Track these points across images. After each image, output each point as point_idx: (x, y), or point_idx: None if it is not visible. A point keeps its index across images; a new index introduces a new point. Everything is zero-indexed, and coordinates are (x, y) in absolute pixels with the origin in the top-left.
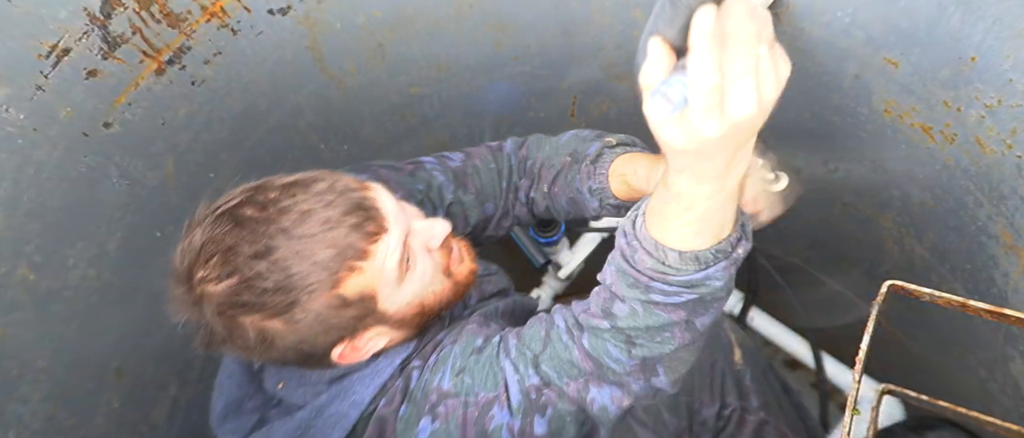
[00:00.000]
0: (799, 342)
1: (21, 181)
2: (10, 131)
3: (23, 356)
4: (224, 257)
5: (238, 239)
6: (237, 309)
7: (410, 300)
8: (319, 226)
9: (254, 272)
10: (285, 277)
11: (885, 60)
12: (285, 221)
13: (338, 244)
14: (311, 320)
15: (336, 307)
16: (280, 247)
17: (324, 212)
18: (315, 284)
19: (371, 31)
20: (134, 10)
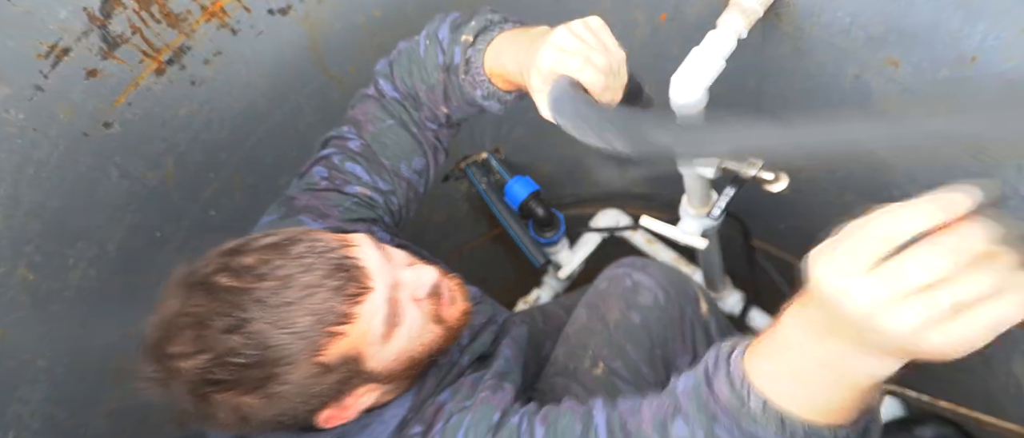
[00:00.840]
0: None
1: (21, 181)
2: (10, 131)
3: (23, 356)
4: (196, 332)
5: (210, 311)
6: (210, 387)
7: (398, 355)
8: (298, 293)
9: (227, 347)
10: (261, 351)
11: (885, 60)
12: (261, 290)
13: (318, 311)
14: (291, 392)
15: (317, 375)
16: (255, 319)
17: (303, 277)
18: (293, 355)
19: (371, 31)
20: (134, 10)
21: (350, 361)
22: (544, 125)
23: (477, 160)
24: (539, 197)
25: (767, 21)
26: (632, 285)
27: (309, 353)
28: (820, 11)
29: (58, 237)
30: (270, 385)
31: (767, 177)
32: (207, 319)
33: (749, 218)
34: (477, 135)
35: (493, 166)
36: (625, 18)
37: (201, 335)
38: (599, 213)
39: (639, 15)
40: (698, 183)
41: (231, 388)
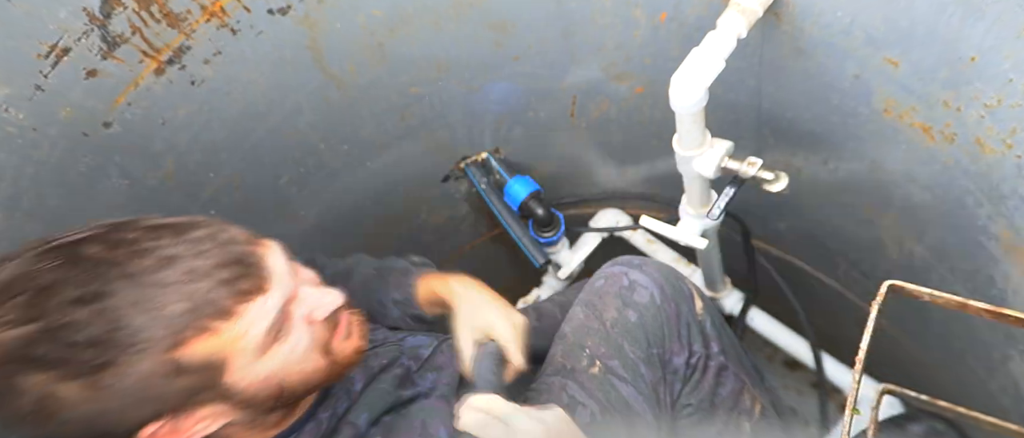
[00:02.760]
0: (799, 342)
1: (21, 181)
2: (10, 131)
3: None
4: (33, 298)
5: (62, 279)
6: (21, 364)
7: (268, 376)
8: (179, 275)
9: (67, 319)
10: (108, 330)
11: (885, 60)
12: (135, 266)
13: (196, 299)
14: (125, 388)
15: (166, 374)
16: (116, 293)
17: (192, 261)
18: (147, 342)
19: (371, 31)
20: (134, 10)
21: (211, 367)
22: (544, 125)
23: (477, 160)
24: (539, 197)
25: (767, 21)
26: (629, 284)
27: (167, 345)
28: (820, 11)
29: None
30: (103, 374)
31: (767, 177)
32: (53, 286)
33: (749, 218)
34: (477, 135)
35: (493, 166)
36: (625, 18)
37: (37, 302)
38: (599, 213)
39: (639, 15)
40: (698, 183)
41: (51, 369)
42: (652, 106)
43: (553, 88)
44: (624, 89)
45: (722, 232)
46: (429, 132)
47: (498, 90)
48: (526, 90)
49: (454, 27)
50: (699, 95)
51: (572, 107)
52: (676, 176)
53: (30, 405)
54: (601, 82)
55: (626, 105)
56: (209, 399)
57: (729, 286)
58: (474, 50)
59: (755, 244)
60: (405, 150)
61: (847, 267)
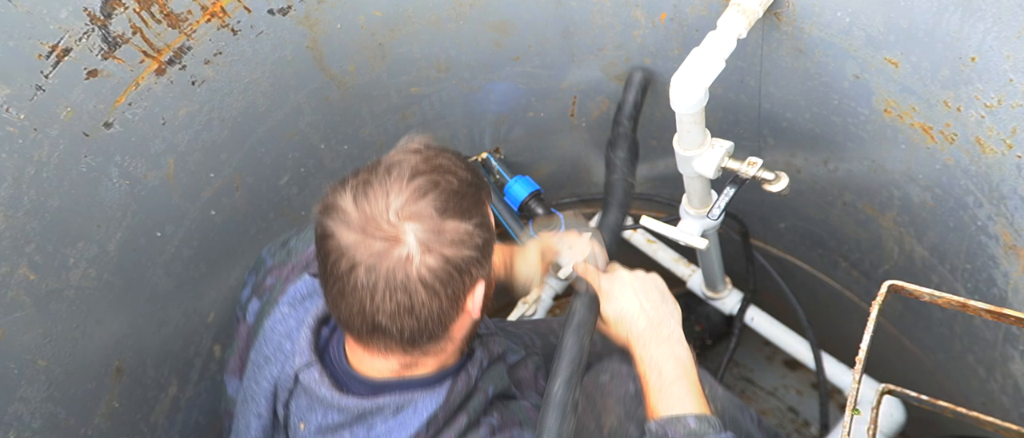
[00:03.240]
0: (799, 342)
1: (21, 181)
2: (10, 131)
3: (23, 356)
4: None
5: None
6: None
7: (495, 270)
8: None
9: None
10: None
11: (885, 60)
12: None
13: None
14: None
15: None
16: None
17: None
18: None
19: (371, 31)
20: (134, 10)
21: (491, 229)
22: (544, 125)
23: (477, 160)
24: (539, 197)
25: (767, 21)
26: (634, 392)
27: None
28: (820, 11)
29: (58, 237)
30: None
31: (767, 177)
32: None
33: (749, 218)
34: (477, 135)
35: (493, 166)
36: (625, 18)
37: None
38: (599, 213)
39: (639, 15)
40: (698, 183)
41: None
42: (652, 106)
43: (553, 88)
44: None
45: (722, 232)
46: (429, 132)
47: (498, 90)
48: (526, 90)
49: (454, 27)
50: (699, 95)
51: (572, 107)
52: (676, 176)
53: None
54: (601, 82)
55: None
56: (487, 271)
57: (729, 286)
58: (474, 50)
59: (755, 244)
60: None
61: (847, 267)
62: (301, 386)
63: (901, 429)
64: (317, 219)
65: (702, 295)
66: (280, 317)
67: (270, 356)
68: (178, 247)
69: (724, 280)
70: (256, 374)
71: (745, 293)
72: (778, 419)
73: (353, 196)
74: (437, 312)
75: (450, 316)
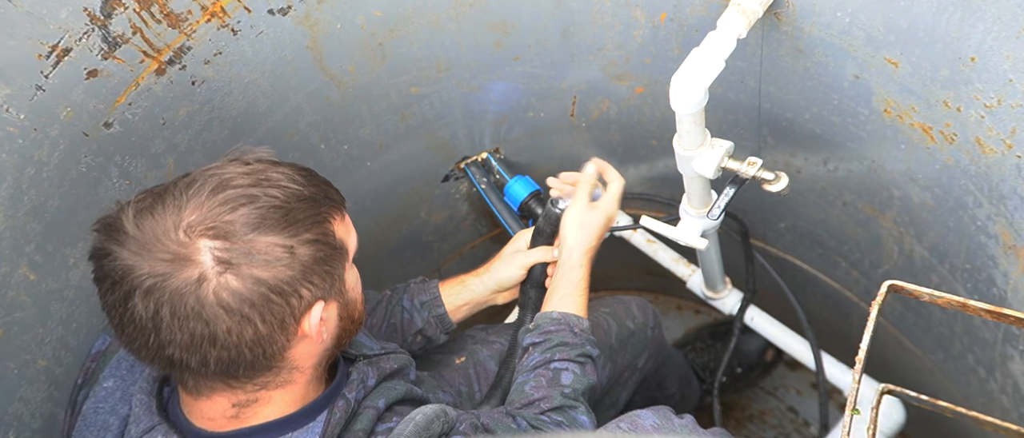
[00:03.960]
0: (799, 342)
1: (21, 181)
2: (10, 131)
3: (23, 356)
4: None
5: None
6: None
7: (352, 288)
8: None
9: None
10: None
11: (885, 60)
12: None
13: (333, 195)
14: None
15: (325, 244)
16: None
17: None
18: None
19: (371, 31)
20: (134, 10)
21: (341, 249)
22: (544, 125)
23: (477, 160)
24: (539, 197)
25: (767, 21)
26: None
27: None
28: (820, 11)
29: (58, 237)
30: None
31: (767, 177)
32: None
33: (749, 218)
34: (477, 135)
35: (493, 166)
36: (625, 18)
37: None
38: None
39: (639, 15)
40: (698, 183)
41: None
42: (652, 106)
43: (553, 88)
44: (624, 89)
45: (722, 232)
46: (429, 132)
47: (498, 90)
48: (526, 90)
49: (454, 27)
50: (699, 95)
51: (572, 107)
52: (676, 176)
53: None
54: (601, 82)
55: (626, 105)
56: (335, 292)
57: (729, 286)
58: (474, 50)
59: (755, 244)
60: (405, 150)
61: (847, 267)
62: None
63: (901, 429)
64: (94, 236)
65: (702, 295)
66: (103, 394)
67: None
68: None
69: (724, 280)
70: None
71: (745, 293)
72: (778, 419)
73: (135, 212)
74: (252, 340)
75: (277, 343)
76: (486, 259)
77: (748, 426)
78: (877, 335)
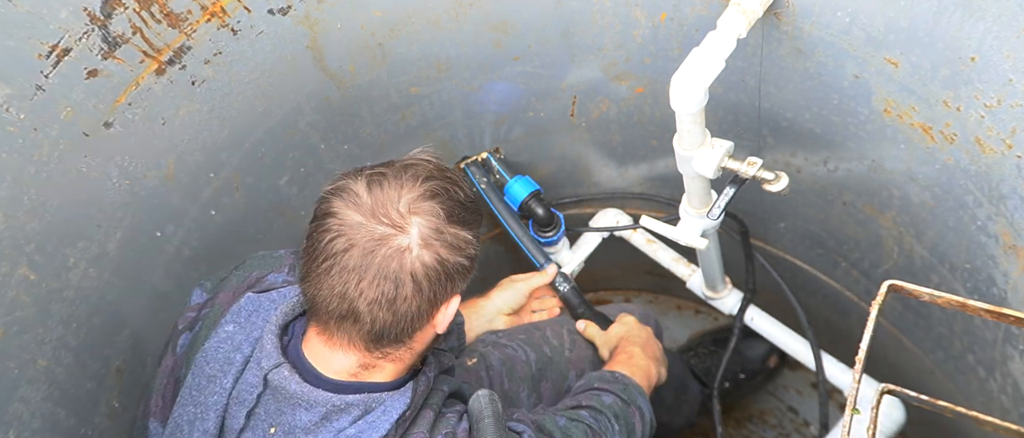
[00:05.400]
0: (799, 342)
1: (21, 181)
2: (10, 131)
3: (23, 356)
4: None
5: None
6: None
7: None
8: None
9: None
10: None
11: (885, 60)
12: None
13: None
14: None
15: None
16: None
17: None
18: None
19: (371, 31)
20: (134, 10)
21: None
22: (544, 125)
23: (477, 160)
24: (539, 197)
25: (767, 21)
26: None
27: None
28: (820, 11)
29: (58, 237)
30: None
31: (767, 177)
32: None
33: (749, 218)
34: (477, 135)
35: (493, 166)
36: (625, 18)
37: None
38: (599, 213)
39: (639, 15)
40: (698, 183)
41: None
42: (652, 106)
43: (553, 88)
44: (624, 89)
45: (722, 232)
46: (429, 132)
47: (498, 90)
48: (526, 90)
49: (454, 27)
50: (699, 95)
51: (572, 107)
52: (676, 176)
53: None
54: (601, 82)
55: (626, 105)
56: (463, 288)
57: (729, 286)
58: (474, 50)
59: (755, 244)
60: (405, 150)
61: (847, 267)
62: (271, 388)
63: (901, 429)
64: (323, 198)
65: (702, 295)
66: (225, 336)
67: (216, 373)
68: (178, 247)
69: (724, 280)
70: (197, 396)
71: (745, 293)
72: (778, 419)
73: (367, 183)
74: (414, 311)
75: (422, 320)
76: (486, 259)
77: (748, 426)
78: (877, 335)
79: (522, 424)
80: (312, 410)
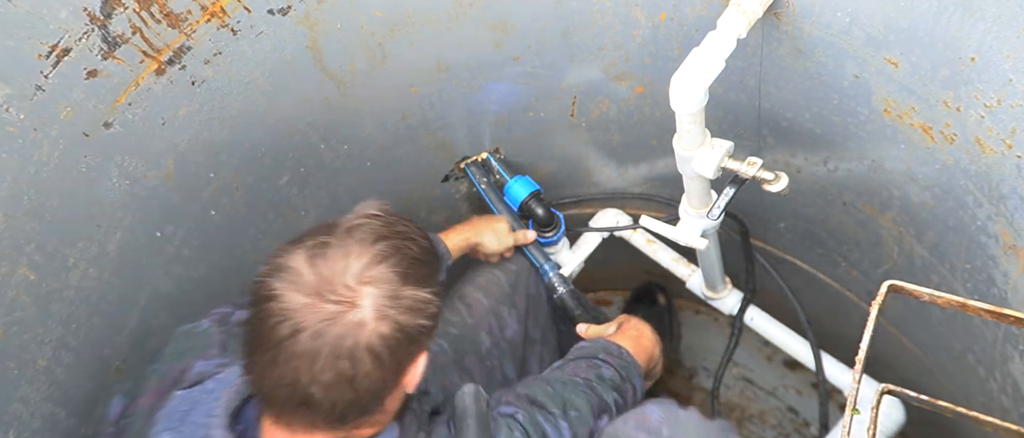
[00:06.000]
0: (799, 342)
1: (21, 181)
2: (10, 131)
3: (23, 356)
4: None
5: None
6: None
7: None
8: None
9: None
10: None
11: (885, 60)
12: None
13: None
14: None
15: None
16: None
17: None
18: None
19: (371, 31)
20: (134, 10)
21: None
22: (544, 125)
23: (477, 160)
24: (539, 197)
25: (767, 21)
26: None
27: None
28: (820, 11)
29: (58, 237)
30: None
31: (767, 177)
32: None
33: (749, 218)
34: (477, 135)
35: (493, 166)
36: (625, 18)
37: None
38: (599, 213)
39: (639, 15)
40: (698, 183)
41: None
42: (652, 106)
43: (553, 88)
44: (624, 89)
45: (722, 232)
46: (429, 132)
47: (498, 90)
48: (526, 90)
49: (454, 27)
50: (699, 95)
51: (572, 107)
52: (676, 176)
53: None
54: (601, 82)
55: (626, 105)
56: (429, 344)
57: (729, 286)
58: (474, 50)
59: (755, 244)
60: (405, 150)
61: (847, 267)
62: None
63: (901, 429)
64: (261, 281)
65: (702, 295)
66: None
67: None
68: (178, 247)
69: (724, 280)
70: None
71: (745, 293)
72: (778, 419)
73: (308, 257)
74: (377, 383)
75: (389, 388)
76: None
77: (748, 426)
78: (877, 335)
79: (512, 406)
80: None
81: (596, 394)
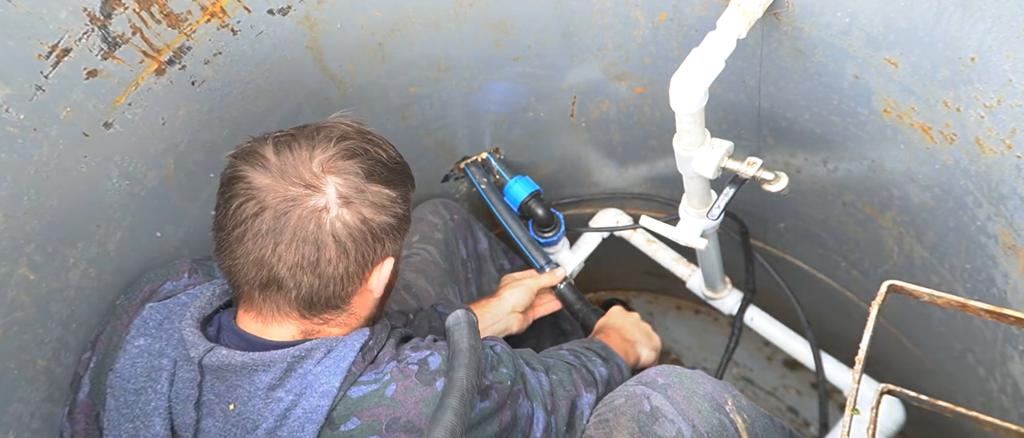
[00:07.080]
0: (799, 342)
1: (21, 181)
2: (10, 131)
3: (23, 356)
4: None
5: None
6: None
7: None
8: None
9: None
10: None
11: (885, 60)
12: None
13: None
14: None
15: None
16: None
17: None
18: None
19: (371, 31)
20: (134, 10)
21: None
22: (544, 125)
23: (477, 160)
24: (539, 197)
25: (767, 21)
26: (650, 410)
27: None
28: (820, 11)
29: (58, 237)
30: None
31: (767, 177)
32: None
33: (749, 218)
34: (477, 135)
35: (493, 166)
36: (625, 18)
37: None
38: (599, 213)
39: (639, 15)
40: (698, 183)
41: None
42: (652, 106)
43: (553, 88)
44: (624, 89)
45: (722, 232)
46: (429, 132)
47: (498, 90)
48: (526, 90)
49: (454, 27)
50: (699, 95)
51: (572, 107)
52: (676, 176)
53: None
54: (601, 82)
55: (626, 105)
56: (397, 254)
57: (729, 286)
58: (474, 50)
59: (755, 244)
60: (405, 150)
61: (847, 267)
62: (211, 371)
63: (901, 429)
64: (228, 162)
65: (702, 295)
66: (137, 351)
67: (143, 386)
68: (178, 247)
69: (724, 280)
70: (129, 412)
71: (745, 293)
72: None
73: (274, 145)
74: (342, 274)
75: (354, 283)
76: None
77: None
78: (877, 335)
79: (494, 339)
80: (271, 369)
81: (584, 366)
